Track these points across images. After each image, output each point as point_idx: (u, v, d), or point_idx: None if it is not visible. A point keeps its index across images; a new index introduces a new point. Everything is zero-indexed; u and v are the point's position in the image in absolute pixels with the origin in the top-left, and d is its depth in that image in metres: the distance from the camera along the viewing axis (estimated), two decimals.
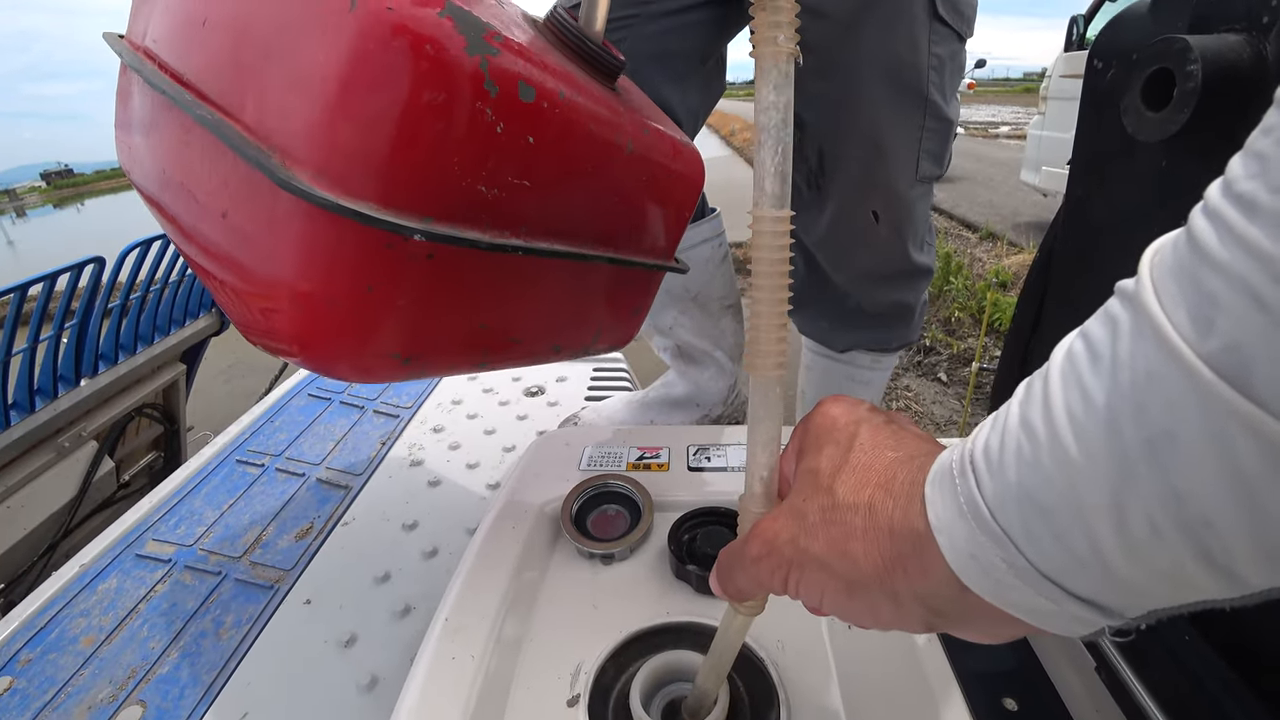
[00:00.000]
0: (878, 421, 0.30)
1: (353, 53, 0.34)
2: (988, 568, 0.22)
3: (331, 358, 0.42)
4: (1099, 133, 0.50)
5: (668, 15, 0.84)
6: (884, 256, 0.97)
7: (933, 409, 2.67)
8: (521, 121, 0.38)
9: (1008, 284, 3.74)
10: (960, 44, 0.87)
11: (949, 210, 5.92)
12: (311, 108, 0.36)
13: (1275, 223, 0.15)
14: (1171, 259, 0.18)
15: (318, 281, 0.38)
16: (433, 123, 0.35)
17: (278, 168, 0.35)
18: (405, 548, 0.81)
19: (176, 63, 0.44)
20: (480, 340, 0.47)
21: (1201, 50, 0.36)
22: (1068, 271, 0.57)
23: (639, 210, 0.51)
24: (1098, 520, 0.19)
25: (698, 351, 1.05)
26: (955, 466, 0.24)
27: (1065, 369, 0.21)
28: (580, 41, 0.46)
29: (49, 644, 0.70)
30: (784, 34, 0.28)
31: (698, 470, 0.65)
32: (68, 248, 13.29)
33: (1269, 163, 0.16)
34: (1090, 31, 4.17)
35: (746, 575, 0.32)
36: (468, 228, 0.39)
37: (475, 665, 0.44)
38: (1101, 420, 0.19)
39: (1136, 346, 0.18)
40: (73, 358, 1.40)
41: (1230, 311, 0.16)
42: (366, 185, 0.36)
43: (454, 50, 0.35)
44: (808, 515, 0.29)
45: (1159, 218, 0.45)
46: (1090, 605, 0.21)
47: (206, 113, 0.39)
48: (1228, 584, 0.18)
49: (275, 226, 0.38)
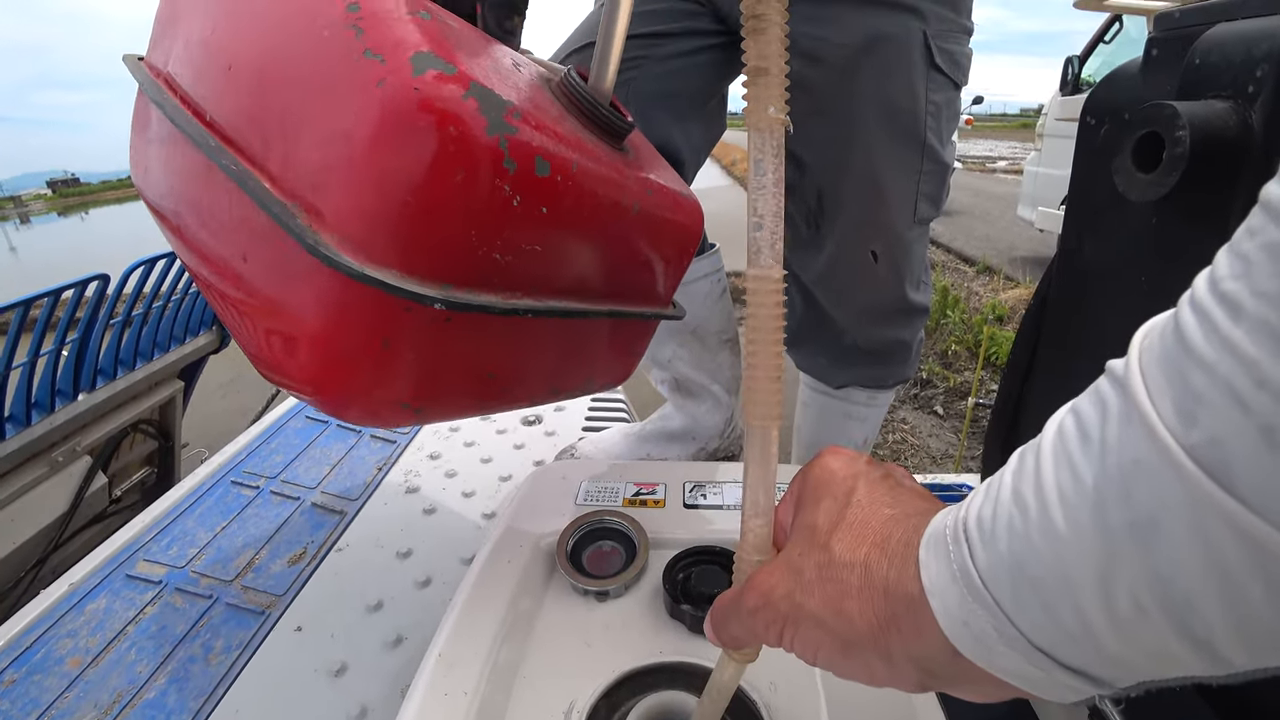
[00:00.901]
0: (875, 476, 0.31)
1: (380, 129, 0.36)
2: (979, 635, 0.22)
3: (344, 404, 0.43)
4: (1092, 187, 0.52)
5: (674, 58, 0.86)
6: (881, 295, 0.99)
7: (929, 442, 2.67)
8: (537, 194, 0.40)
9: (1004, 318, 3.76)
10: (956, 91, 0.90)
11: (946, 244, 5.97)
12: (339, 176, 0.37)
13: (1258, 327, 0.16)
14: (1159, 348, 0.19)
15: (336, 335, 0.40)
16: (454, 198, 0.37)
17: (306, 232, 0.37)
18: (399, 576, 0.81)
19: (200, 99, 0.45)
20: (486, 389, 0.48)
21: (1189, 117, 0.37)
22: (1061, 317, 0.58)
23: (642, 263, 0.53)
24: (1085, 596, 0.19)
25: (695, 385, 1.05)
26: (949, 533, 0.24)
27: (1057, 445, 0.21)
28: (593, 108, 0.47)
29: (34, 665, 0.70)
30: (775, 105, 0.30)
31: (694, 507, 0.65)
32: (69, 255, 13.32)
33: (1253, 266, 0.17)
34: (1085, 72, 4.25)
35: (741, 626, 0.32)
36: (482, 292, 0.41)
37: (468, 701, 0.44)
38: (1089, 500, 0.19)
39: (1124, 432, 0.19)
40: (71, 372, 1.40)
41: (1213, 409, 0.17)
42: (389, 254, 0.37)
43: (476, 130, 0.36)
44: (804, 571, 0.29)
45: (1150, 270, 0.46)
46: (1080, 675, 0.21)
47: (232, 162, 0.40)
48: (1212, 664, 0.19)
49: (296, 278, 0.40)
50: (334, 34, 0.38)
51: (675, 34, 0.86)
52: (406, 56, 0.36)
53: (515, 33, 0.53)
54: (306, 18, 0.40)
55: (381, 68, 0.36)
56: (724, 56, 0.90)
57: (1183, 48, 0.42)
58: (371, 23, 0.37)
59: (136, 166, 0.57)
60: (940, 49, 0.84)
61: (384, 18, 0.38)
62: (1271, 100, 0.36)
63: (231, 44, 0.44)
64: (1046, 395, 0.60)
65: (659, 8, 0.85)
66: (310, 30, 0.39)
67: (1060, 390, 0.23)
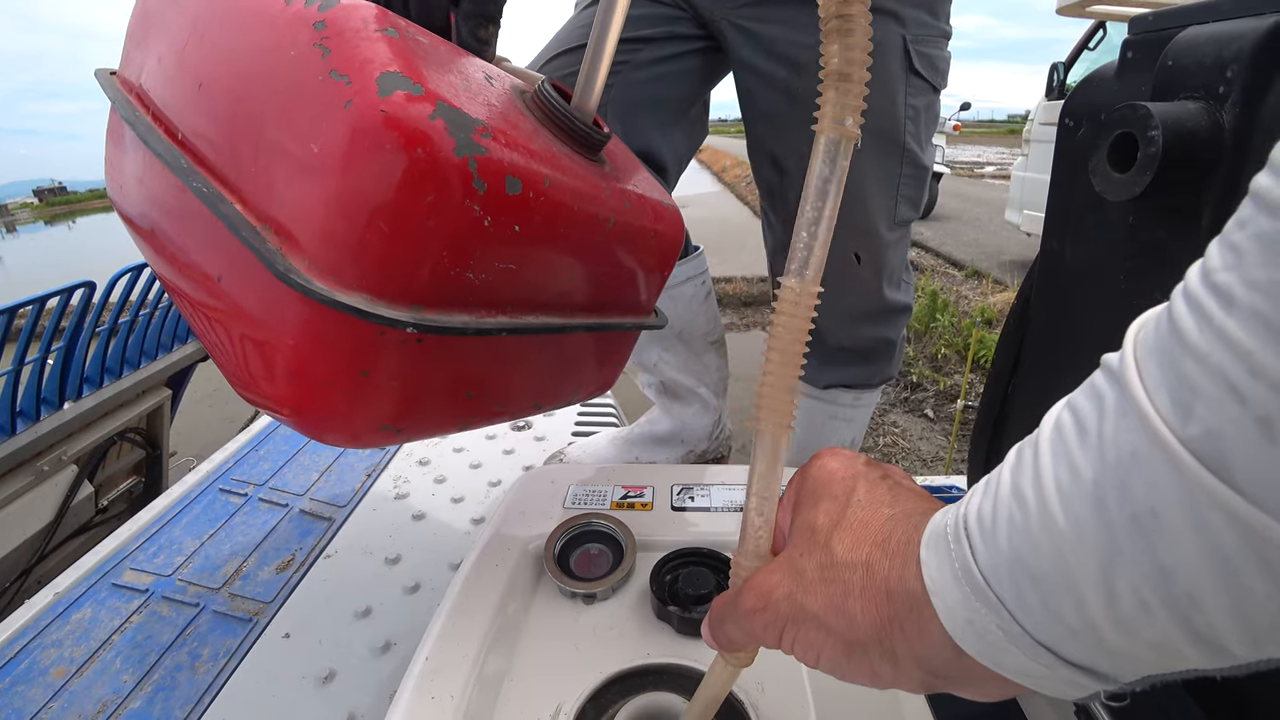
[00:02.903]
0: (874, 477, 0.31)
1: (347, 152, 0.35)
2: (982, 632, 0.22)
3: (323, 428, 0.43)
4: (1071, 188, 0.52)
5: (656, 63, 0.86)
6: (864, 296, 0.99)
7: (919, 445, 2.68)
8: (508, 213, 0.39)
9: (993, 321, 3.79)
10: (935, 95, 0.91)
11: (935, 248, 6.01)
12: (307, 200, 0.37)
13: (1251, 317, 0.16)
14: (1154, 340, 0.19)
15: (312, 360, 0.39)
16: (423, 220, 0.36)
17: (277, 257, 0.36)
18: (387, 582, 0.81)
19: (173, 117, 0.45)
20: (466, 407, 0.48)
21: (1162, 117, 0.38)
22: (1044, 318, 0.59)
23: (622, 276, 0.52)
24: (1087, 591, 0.19)
25: (682, 388, 1.06)
26: (950, 531, 0.24)
27: (1054, 440, 0.21)
28: (567, 120, 0.47)
29: (18, 675, 0.69)
30: (851, 118, 0.28)
31: (681, 510, 0.65)
32: (56, 264, 13.21)
33: (1244, 256, 0.17)
34: (1070, 78, 4.29)
35: (739, 627, 0.31)
36: (456, 312, 0.40)
37: (454, 705, 0.44)
38: (1089, 495, 0.19)
39: (1121, 425, 0.19)
40: (57, 381, 1.39)
41: (1209, 400, 0.17)
42: (361, 279, 0.37)
43: (445, 150, 0.36)
44: (805, 572, 0.28)
45: (1129, 270, 0.47)
46: (1083, 671, 0.21)
47: (204, 184, 0.40)
48: (1215, 657, 0.19)
49: (270, 303, 0.39)
50: (301, 53, 0.37)
51: (657, 39, 0.87)
52: (373, 76, 0.35)
53: (490, 42, 0.52)
54: (275, 36, 0.39)
55: (348, 89, 0.35)
56: (706, 61, 0.90)
57: (1157, 50, 0.43)
58: (338, 42, 0.37)
59: (113, 182, 0.56)
60: (919, 53, 0.85)
61: (350, 36, 0.37)
62: (1241, 100, 0.36)
63: (202, 62, 0.43)
64: (1031, 395, 0.60)
65: (639, 13, 0.85)
66: (279, 49, 0.38)
67: (1044, 390, 0.23)
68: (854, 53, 0.27)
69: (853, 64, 0.27)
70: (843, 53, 0.27)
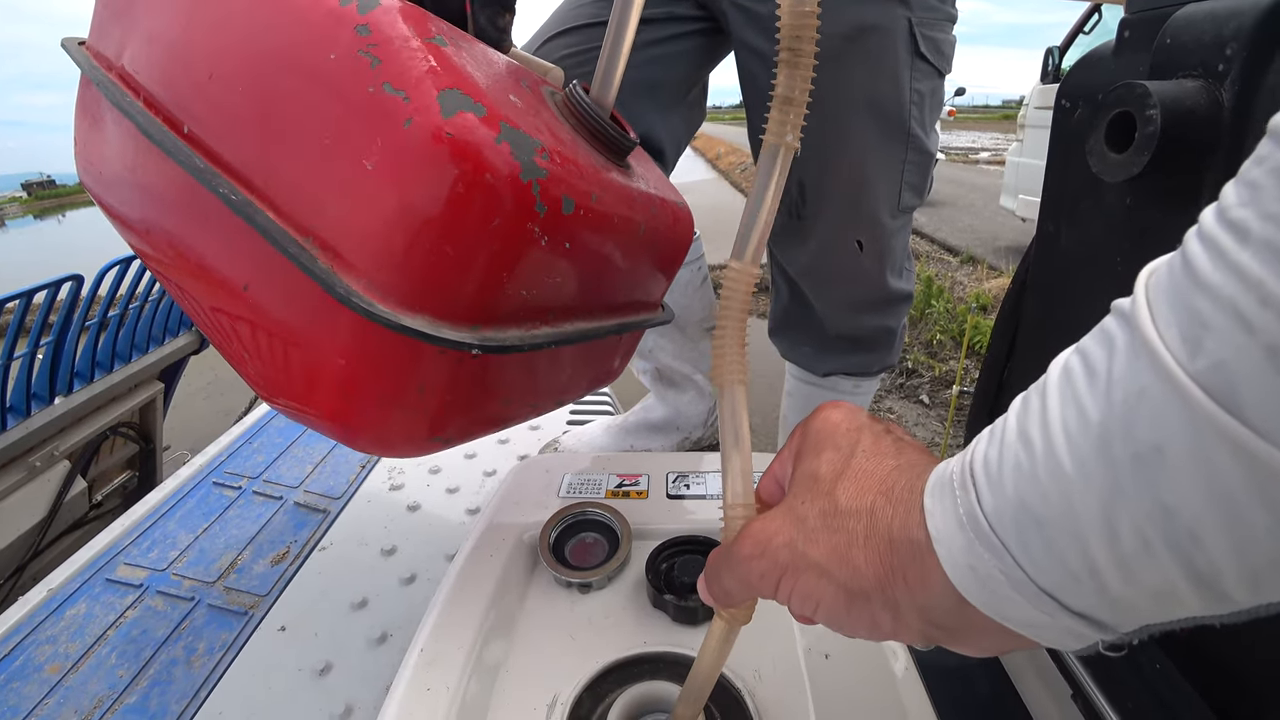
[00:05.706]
0: (879, 430, 0.30)
1: (411, 173, 0.34)
2: (985, 580, 0.22)
3: (369, 439, 0.42)
4: (1068, 170, 0.52)
5: (655, 44, 0.85)
6: (866, 284, 0.99)
7: (915, 430, 2.69)
8: (562, 231, 0.39)
9: (988, 307, 3.79)
10: (940, 80, 0.90)
11: (930, 234, 6.01)
12: (361, 218, 0.36)
13: (1265, 248, 0.16)
14: (1166, 280, 0.19)
15: (367, 380, 0.39)
16: (488, 244, 0.36)
17: (335, 280, 0.35)
18: (383, 574, 0.80)
19: (174, 107, 0.42)
20: (505, 411, 0.48)
21: (1160, 96, 0.37)
22: (1040, 300, 0.59)
23: (644, 277, 0.53)
24: (1090, 534, 0.19)
25: (677, 375, 1.05)
26: (955, 478, 0.24)
27: (1062, 384, 0.21)
28: (600, 127, 0.46)
29: (13, 672, 0.69)
30: (792, 134, 0.33)
31: (677, 498, 0.65)
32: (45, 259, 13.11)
33: (1261, 191, 0.16)
34: (1065, 62, 4.28)
35: (735, 577, 0.31)
36: (508, 327, 0.40)
37: (450, 696, 0.44)
38: (1095, 435, 0.19)
39: (1130, 364, 0.19)
40: (47, 375, 1.38)
41: (1219, 332, 0.17)
42: (423, 301, 0.36)
43: (512, 175, 0.35)
44: (808, 519, 0.28)
45: (1126, 253, 0.46)
46: (1085, 619, 0.21)
47: (231, 190, 0.38)
48: (1215, 601, 0.19)
49: (317, 320, 0.38)
50: (345, 59, 0.35)
51: (656, 20, 0.85)
52: (433, 95, 0.34)
53: (507, 31, 0.51)
54: (308, 34, 0.37)
55: (405, 105, 0.34)
56: (705, 43, 0.89)
57: (1154, 28, 0.42)
58: (387, 51, 0.35)
59: (87, 164, 0.53)
60: (925, 37, 0.84)
61: (400, 45, 0.35)
62: (1240, 78, 0.36)
63: (210, 49, 0.40)
64: (1027, 377, 0.60)
65: None
66: (314, 48, 0.36)
67: (1040, 372, 0.23)
68: (798, 81, 0.32)
69: (795, 90, 0.32)
70: (788, 81, 0.32)
